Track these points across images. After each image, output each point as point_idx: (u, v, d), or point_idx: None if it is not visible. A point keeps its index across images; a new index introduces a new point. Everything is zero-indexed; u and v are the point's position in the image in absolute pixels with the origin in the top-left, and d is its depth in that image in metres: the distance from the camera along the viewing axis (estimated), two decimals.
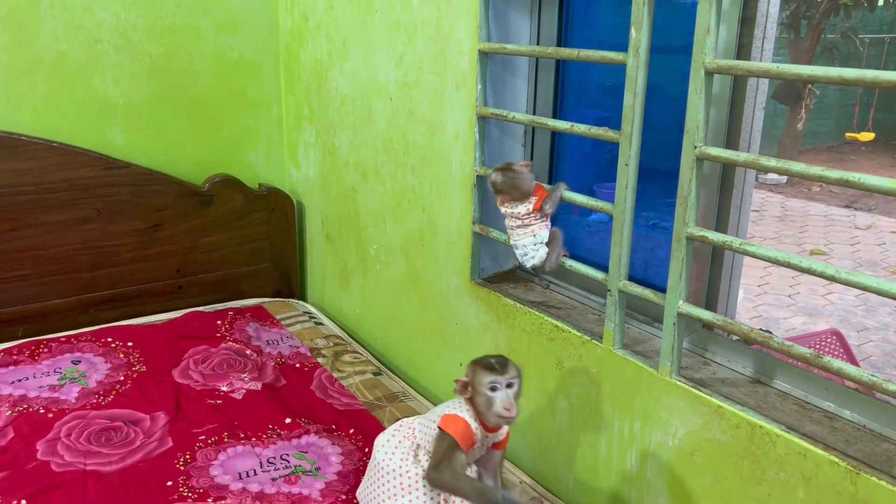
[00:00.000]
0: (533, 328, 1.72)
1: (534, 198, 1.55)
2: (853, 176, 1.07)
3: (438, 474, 1.33)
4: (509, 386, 1.29)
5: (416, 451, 1.41)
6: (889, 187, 1.04)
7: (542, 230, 1.54)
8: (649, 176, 1.63)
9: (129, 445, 1.73)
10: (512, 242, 1.62)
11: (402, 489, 1.39)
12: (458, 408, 1.35)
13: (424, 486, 1.38)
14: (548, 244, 1.58)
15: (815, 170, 1.12)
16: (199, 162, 2.55)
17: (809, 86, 8.69)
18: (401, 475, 1.40)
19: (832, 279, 1.13)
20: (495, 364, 1.29)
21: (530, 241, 1.54)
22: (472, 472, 1.41)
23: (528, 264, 1.57)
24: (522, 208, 1.56)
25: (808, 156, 9.57)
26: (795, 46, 8.86)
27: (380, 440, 1.47)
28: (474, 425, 1.33)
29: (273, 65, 2.64)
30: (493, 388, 1.28)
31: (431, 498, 1.39)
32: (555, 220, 1.67)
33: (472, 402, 1.33)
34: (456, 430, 1.32)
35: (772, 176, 8.49)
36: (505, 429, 1.39)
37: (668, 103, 1.53)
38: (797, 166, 1.15)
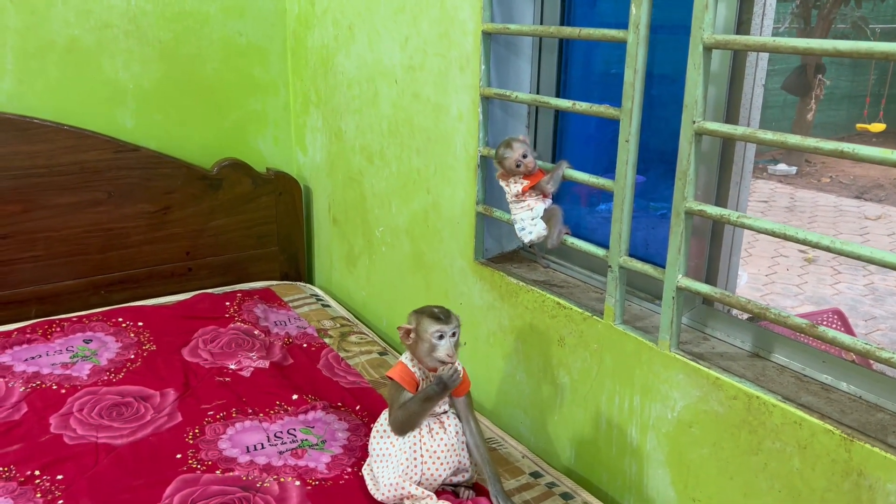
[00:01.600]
0: (535, 306, 1.75)
1: (524, 181, 1.58)
2: (847, 146, 1.08)
3: (393, 417, 1.45)
4: (452, 335, 1.39)
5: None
6: (882, 157, 1.06)
7: (538, 204, 1.57)
8: (660, 158, 1.64)
9: (139, 420, 1.77)
10: (511, 217, 1.65)
11: (381, 455, 1.48)
12: (402, 357, 1.48)
13: (397, 446, 1.46)
14: (547, 222, 1.60)
15: (811, 141, 1.14)
16: (207, 146, 2.58)
17: (819, 76, 8.64)
18: (379, 441, 1.50)
19: (827, 249, 1.15)
20: (440, 314, 1.39)
21: (527, 214, 1.57)
22: (452, 417, 1.48)
23: (526, 239, 1.59)
24: (515, 188, 1.59)
25: None
26: (806, 36, 8.80)
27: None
28: (410, 364, 1.45)
29: (280, 50, 2.66)
30: (440, 337, 1.38)
31: (412, 456, 1.45)
32: (565, 212, 1.68)
33: (412, 347, 1.43)
34: (395, 372, 1.45)
35: (781, 167, 8.47)
36: (450, 371, 1.43)
37: (676, 86, 1.55)
38: (793, 138, 1.17)
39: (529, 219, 1.57)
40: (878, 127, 9.16)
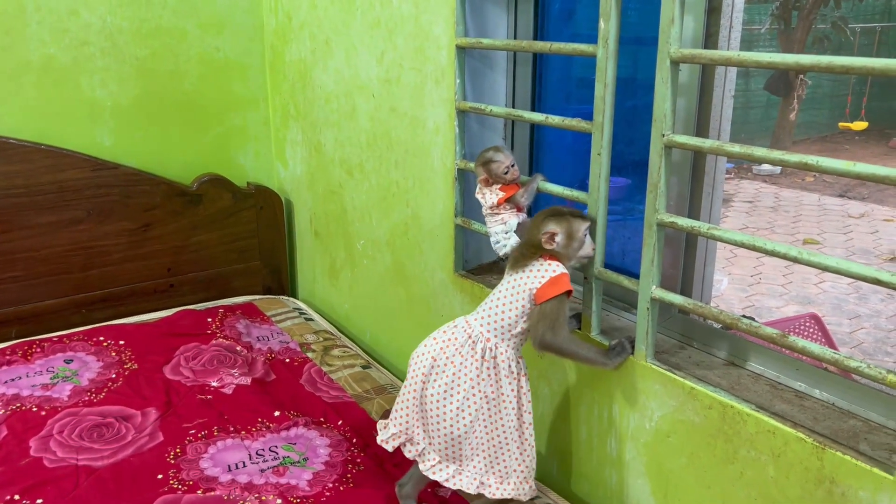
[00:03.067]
0: None
1: (500, 192, 1.59)
2: (811, 159, 1.10)
3: (555, 336, 1.38)
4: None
5: (474, 346, 1.42)
6: (846, 169, 1.07)
7: (512, 218, 1.58)
8: (642, 161, 1.65)
9: (120, 441, 1.76)
10: (487, 230, 1.66)
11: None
12: (545, 272, 1.39)
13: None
14: (521, 236, 1.61)
15: (776, 154, 1.15)
16: (187, 162, 2.58)
17: (801, 76, 8.71)
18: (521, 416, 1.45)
19: (795, 260, 1.16)
20: (579, 213, 1.43)
21: (501, 228, 1.58)
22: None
23: (501, 252, 1.60)
24: (489, 199, 1.60)
25: (801, 146, 9.59)
26: (787, 37, 8.88)
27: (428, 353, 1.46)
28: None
29: (259, 64, 2.66)
30: (587, 234, 1.42)
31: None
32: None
33: (557, 250, 1.40)
34: (565, 284, 1.38)
35: (766, 166, 8.52)
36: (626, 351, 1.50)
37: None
38: (759, 151, 1.18)
39: (503, 233, 1.58)
40: (860, 125, 9.23)
